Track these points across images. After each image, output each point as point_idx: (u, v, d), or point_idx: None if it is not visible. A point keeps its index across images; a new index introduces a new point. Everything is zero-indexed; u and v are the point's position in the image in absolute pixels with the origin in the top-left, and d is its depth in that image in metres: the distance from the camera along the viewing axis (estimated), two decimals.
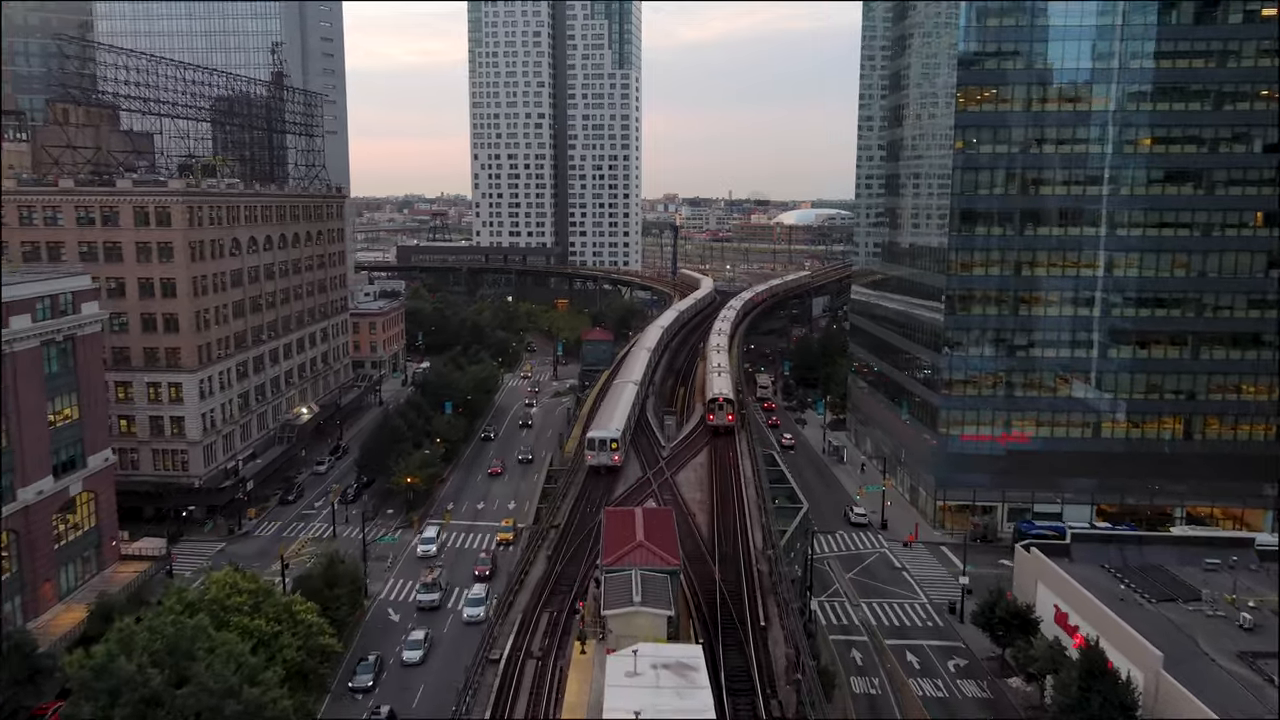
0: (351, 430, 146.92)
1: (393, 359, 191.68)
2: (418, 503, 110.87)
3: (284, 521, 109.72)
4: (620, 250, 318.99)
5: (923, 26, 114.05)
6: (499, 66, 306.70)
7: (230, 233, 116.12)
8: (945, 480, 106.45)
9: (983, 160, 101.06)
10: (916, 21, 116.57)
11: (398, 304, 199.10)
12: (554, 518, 66.86)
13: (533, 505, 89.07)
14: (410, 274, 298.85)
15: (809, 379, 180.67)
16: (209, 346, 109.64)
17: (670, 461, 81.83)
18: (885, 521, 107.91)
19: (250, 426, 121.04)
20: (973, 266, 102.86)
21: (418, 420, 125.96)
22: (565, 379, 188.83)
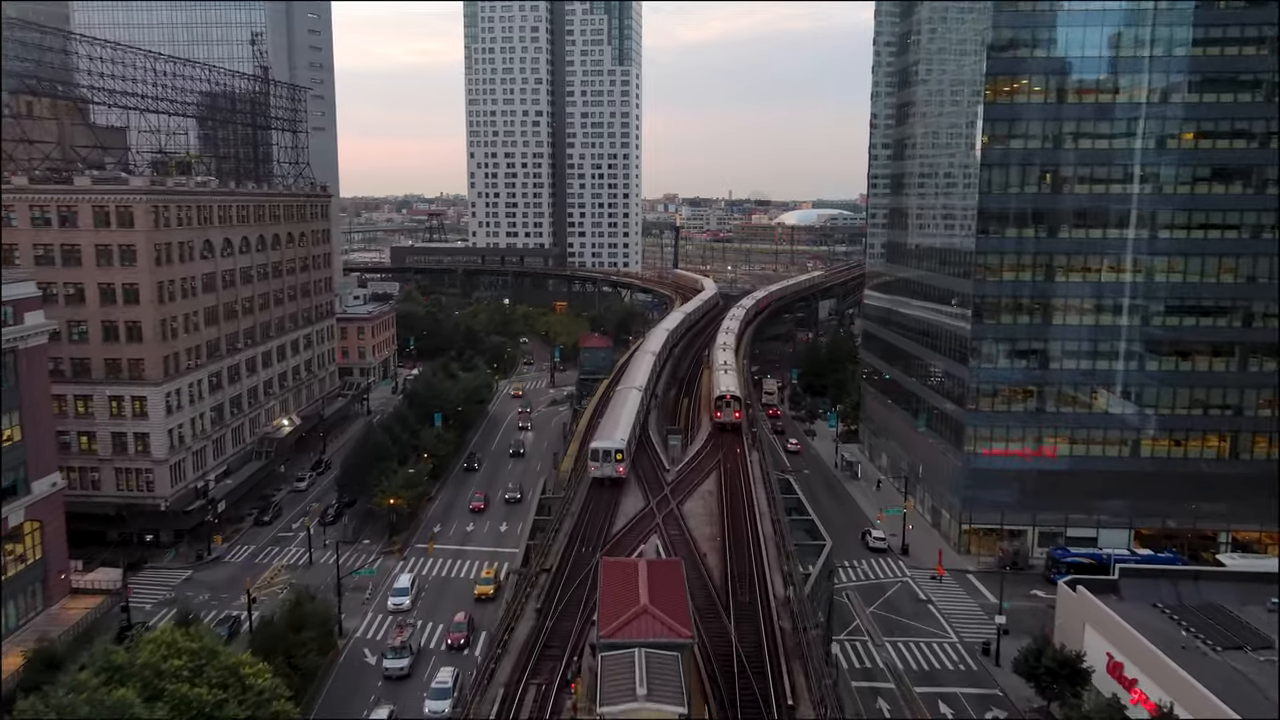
0: (336, 442, 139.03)
1: (383, 365, 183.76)
2: (402, 525, 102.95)
3: (258, 545, 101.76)
4: (620, 251, 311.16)
5: (945, 14, 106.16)
6: (495, 63, 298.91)
7: (202, 234, 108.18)
8: (971, 502, 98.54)
9: (1013, 156, 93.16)
10: (937, 8, 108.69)
11: (388, 308, 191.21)
12: (545, 558, 58.93)
13: (522, 536, 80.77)
14: (404, 275, 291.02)
15: (817, 386, 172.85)
16: (176, 356, 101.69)
17: (676, 488, 73.91)
18: (906, 546, 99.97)
19: (224, 441, 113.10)
20: (1002, 271, 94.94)
21: (403, 434, 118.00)
22: (563, 385, 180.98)
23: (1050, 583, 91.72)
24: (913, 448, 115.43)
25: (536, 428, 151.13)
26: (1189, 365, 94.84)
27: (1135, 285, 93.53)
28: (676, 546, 61.09)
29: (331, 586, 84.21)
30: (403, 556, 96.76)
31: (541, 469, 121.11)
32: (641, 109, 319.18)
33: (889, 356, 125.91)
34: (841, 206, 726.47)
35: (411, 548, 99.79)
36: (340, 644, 77.74)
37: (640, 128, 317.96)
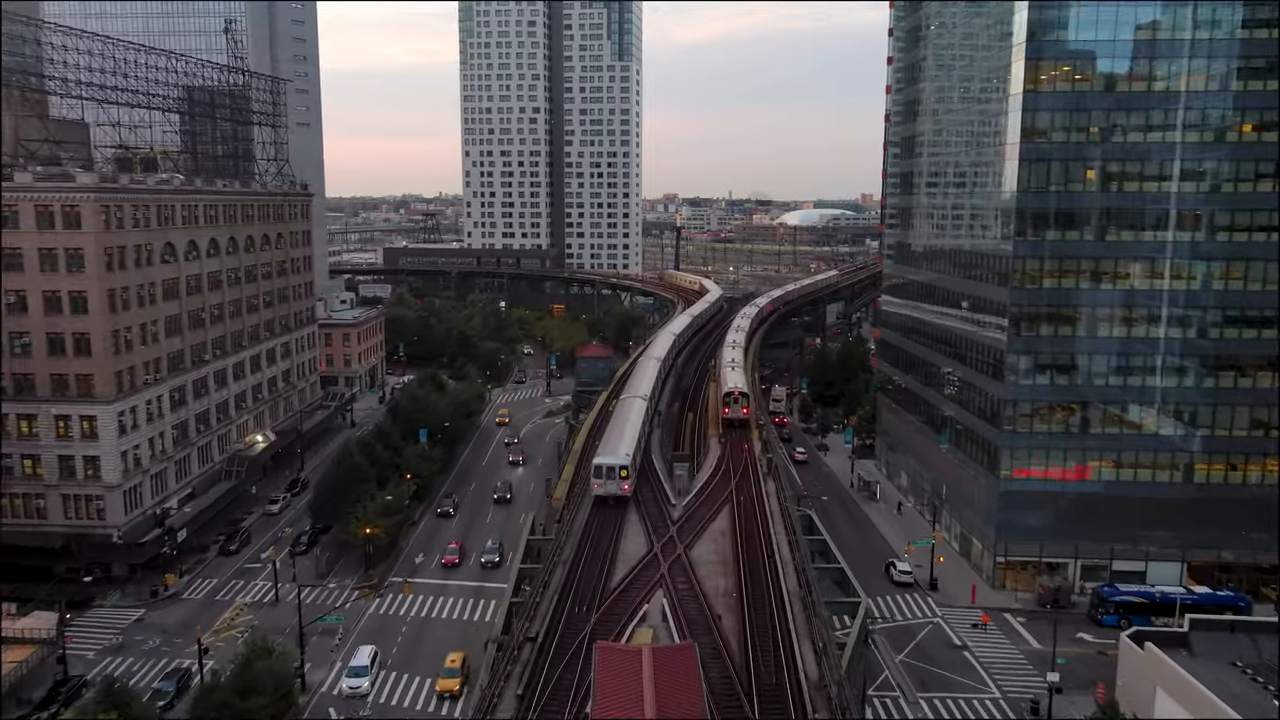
0: (316, 458, 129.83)
1: (370, 374, 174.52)
2: (380, 556, 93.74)
3: (221, 579, 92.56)
4: (620, 252, 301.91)
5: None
6: (491, 58, 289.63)
7: (162, 236, 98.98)
8: (1007, 532, 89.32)
9: (1055, 151, 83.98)
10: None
11: (375, 313, 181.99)
12: (531, 622, 49.74)
13: (510, 570, 70.95)
14: (397, 277, 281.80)
15: (827, 396, 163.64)
16: (132, 371, 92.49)
17: (684, 527, 64.70)
18: (935, 580, 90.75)
19: (189, 461, 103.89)
20: (1042, 277, 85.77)
21: (384, 453, 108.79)
22: (560, 394, 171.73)
23: (1097, 623, 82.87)
24: (936, 467, 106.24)
25: (528, 447, 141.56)
26: (1249, 382, 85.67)
27: (1189, 294, 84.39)
28: (685, 605, 51.92)
29: (298, 629, 75.13)
30: (378, 593, 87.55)
31: (533, 499, 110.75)
32: (642, 106, 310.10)
33: (908, 366, 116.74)
34: (843, 206, 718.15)
35: (389, 583, 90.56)
36: (303, 700, 68.65)
37: (641, 125, 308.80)
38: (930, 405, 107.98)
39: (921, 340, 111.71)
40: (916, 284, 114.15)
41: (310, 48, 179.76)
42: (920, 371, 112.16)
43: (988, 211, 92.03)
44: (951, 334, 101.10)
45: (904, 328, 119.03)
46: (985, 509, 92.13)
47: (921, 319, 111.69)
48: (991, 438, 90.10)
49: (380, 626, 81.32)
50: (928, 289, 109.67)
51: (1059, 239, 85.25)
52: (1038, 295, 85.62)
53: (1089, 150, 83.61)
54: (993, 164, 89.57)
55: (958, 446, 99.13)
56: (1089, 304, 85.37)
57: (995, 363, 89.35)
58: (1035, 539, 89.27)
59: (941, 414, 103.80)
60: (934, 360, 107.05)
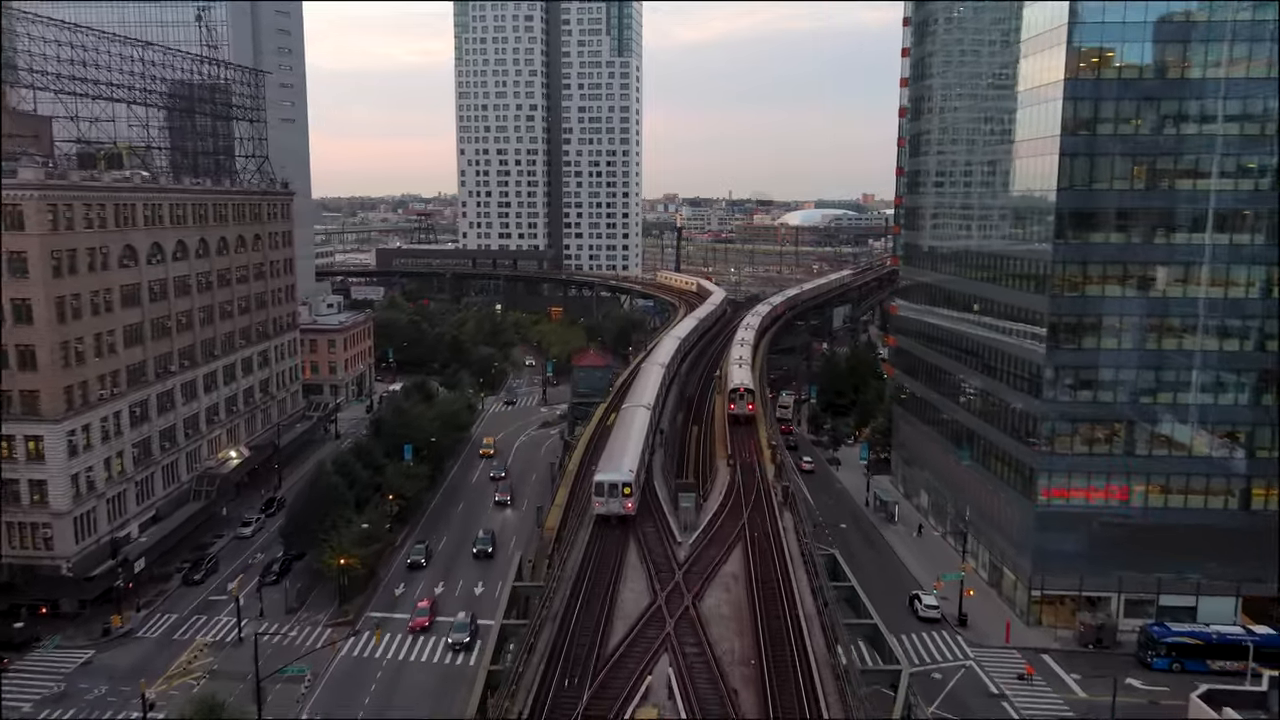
0: (296, 474, 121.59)
1: (357, 381, 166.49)
2: (356, 588, 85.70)
3: (183, 613, 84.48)
4: (619, 253, 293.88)
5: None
6: (487, 54, 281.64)
7: (121, 238, 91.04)
8: (1043, 563, 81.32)
9: (1101, 144, 76.03)
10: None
11: (364, 317, 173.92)
12: (512, 700, 41.74)
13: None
14: (390, 279, 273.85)
15: (837, 405, 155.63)
16: (84, 385, 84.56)
17: (691, 572, 56.70)
18: (964, 616, 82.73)
19: (152, 482, 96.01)
20: (1084, 284, 77.81)
21: (364, 472, 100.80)
22: (556, 403, 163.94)
23: (1146, 667, 74.94)
24: (960, 487, 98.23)
25: (521, 460, 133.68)
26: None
27: (1247, 302, 76.45)
28: (695, 675, 44.00)
29: (263, 675, 67.16)
30: (354, 630, 79.48)
31: (522, 540, 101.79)
32: (642, 103, 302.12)
33: (928, 377, 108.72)
34: (844, 207, 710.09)
35: (365, 618, 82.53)
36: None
37: (641, 123, 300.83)
38: (953, 420, 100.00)
39: (943, 349, 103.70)
40: (937, 288, 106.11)
41: (295, 40, 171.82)
42: (942, 383, 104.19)
43: (1023, 211, 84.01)
44: (978, 343, 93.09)
45: (923, 335, 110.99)
46: (1018, 537, 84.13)
47: (943, 326, 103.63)
48: (1025, 459, 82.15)
49: (352, 672, 73.30)
50: (950, 294, 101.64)
51: (1103, 241, 77.35)
52: (1080, 303, 77.66)
53: (1138, 143, 75.65)
54: (1029, 159, 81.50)
55: (985, 466, 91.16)
56: (1136, 313, 77.39)
57: (1030, 377, 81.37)
58: (1074, 571, 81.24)
59: (966, 430, 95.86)
60: (958, 371, 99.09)
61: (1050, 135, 76.92)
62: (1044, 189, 78.21)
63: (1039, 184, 79.24)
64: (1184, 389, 78.31)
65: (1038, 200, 79.89)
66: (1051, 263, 77.32)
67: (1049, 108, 77.34)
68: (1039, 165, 78.84)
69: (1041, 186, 78.72)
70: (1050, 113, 77.03)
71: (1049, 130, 77.26)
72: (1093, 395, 79.14)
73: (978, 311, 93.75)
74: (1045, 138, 77.86)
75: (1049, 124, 77.31)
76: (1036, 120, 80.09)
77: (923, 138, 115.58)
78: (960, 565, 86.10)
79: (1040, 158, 78.74)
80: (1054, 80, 76.42)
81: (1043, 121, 78.68)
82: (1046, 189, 77.65)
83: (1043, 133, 78.44)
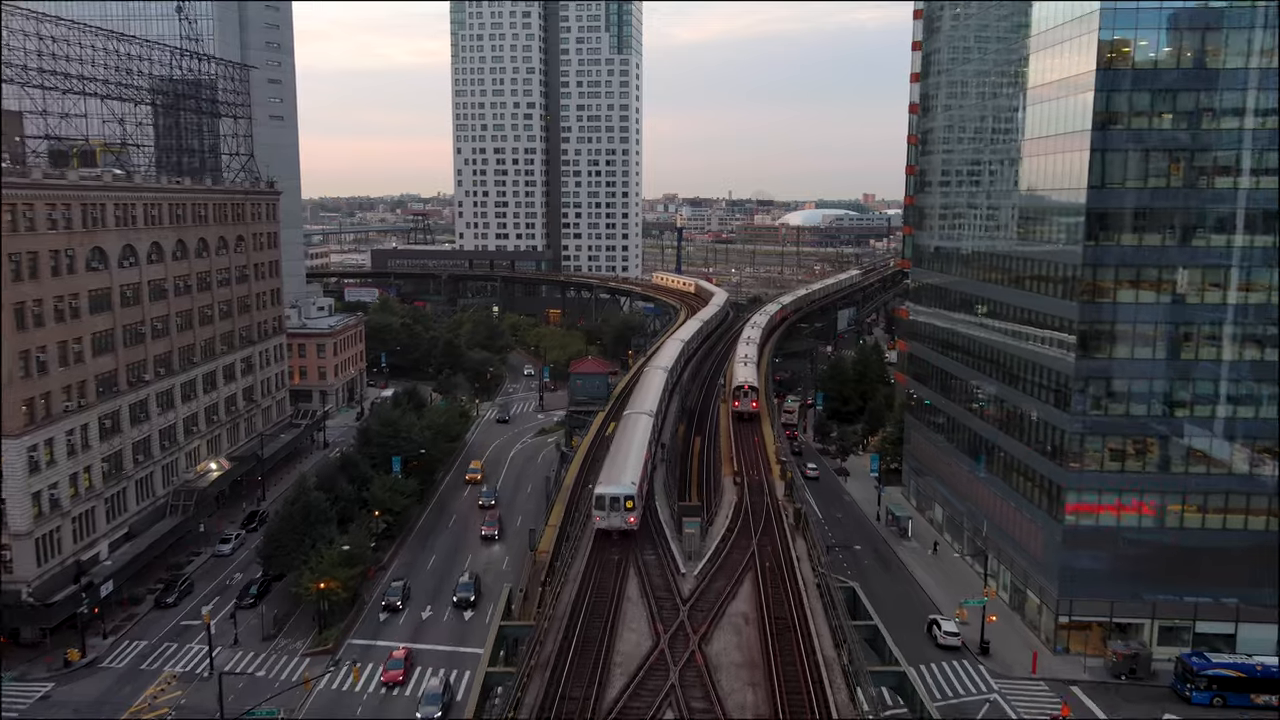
0: (281, 485, 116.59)
1: (347, 387, 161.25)
2: (338, 614, 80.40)
3: (153, 639, 79.20)
4: (619, 255, 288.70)
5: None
6: (484, 51, 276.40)
7: (89, 240, 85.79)
8: (1071, 586, 76.09)
9: (1134, 139, 70.86)
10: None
11: (355, 321, 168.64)
12: None
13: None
14: (385, 281, 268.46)
15: (844, 412, 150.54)
16: (48, 397, 79.31)
17: (697, 608, 51.46)
18: (986, 644, 77.47)
19: (124, 497, 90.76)
20: (1117, 289, 72.60)
21: (348, 487, 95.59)
22: (554, 409, 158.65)
23: (1184, 700, 69.77)
24: (977, 501, 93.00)
25: (517, 473, 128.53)
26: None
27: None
28: None
29: (232, 716, 62.06)
30: (334, 660, 74.19)
31: (509, 571, 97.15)
32: (642, 101, 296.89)
33: (943, 385, 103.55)
34: (845, 207, 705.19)
35: (347, 646, 77.31)
36: None
37: (641, 121, 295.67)
38: (969, 430, 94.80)
39: (958, 355, 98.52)
40: (952, 292, 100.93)
41: (284, 35, 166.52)
42: (956, 391, 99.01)
43: (1048, 211, 78.81)
44: (997, 350, 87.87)
45: (936, 340, 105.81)
46: (1043, 558, 78.92)
47: (958, 331, 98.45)
48: (1051, 475, 76.95)
49: (331, 707, 68.06)
50: (966, 298, 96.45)
51: (1137, 244, 72.15)
52: (1112, 310, 72.45)
53: (1175, 138, 70.45)
54: (1056, 156, 76.26)
55: (1006, 481, 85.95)
56: (1172, 320, 72.22)
57: (1057, 387, 76.17)
58: (1104, 595, 76.04)
59: (984, 441, 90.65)
60: (974, 379, 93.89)
61: (1079, 130, 71.75)
62: (1072, 187, 73.01)
63: (1067, 182, 74.03)
64: (1223, 401, 73.17)
65: (1065, 199, 74.69)
66: (1081, 266, 72.14)
67: (1077, 101, 72.18)
68: (1066, 163, 73.63)
69: (1070, 185, 73.51)
70: (1080, 105, 71.85)
71: (1078, 125, 72.10)
72: (1124, 408, 73.96)
73: (997, 317, 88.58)
74: (1073, 133, 72.69)
75: (1078, 118, 72.15)
76: (1063, 114, 74.94)
77: (935, 134, 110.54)
78: (984, 591, 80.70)
79: (1068, 154, 73.55)
80: (1083, 71, 71.28)
81: (1071, 115, 73.50)
82: (1075, 187, 72.45)
83: (1071, 128, 73.25)
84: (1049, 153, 77.58)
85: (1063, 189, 75.04)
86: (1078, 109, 72.28)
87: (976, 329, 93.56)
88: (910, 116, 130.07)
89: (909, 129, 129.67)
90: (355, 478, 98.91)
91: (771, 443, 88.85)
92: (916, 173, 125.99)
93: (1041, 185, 79.48)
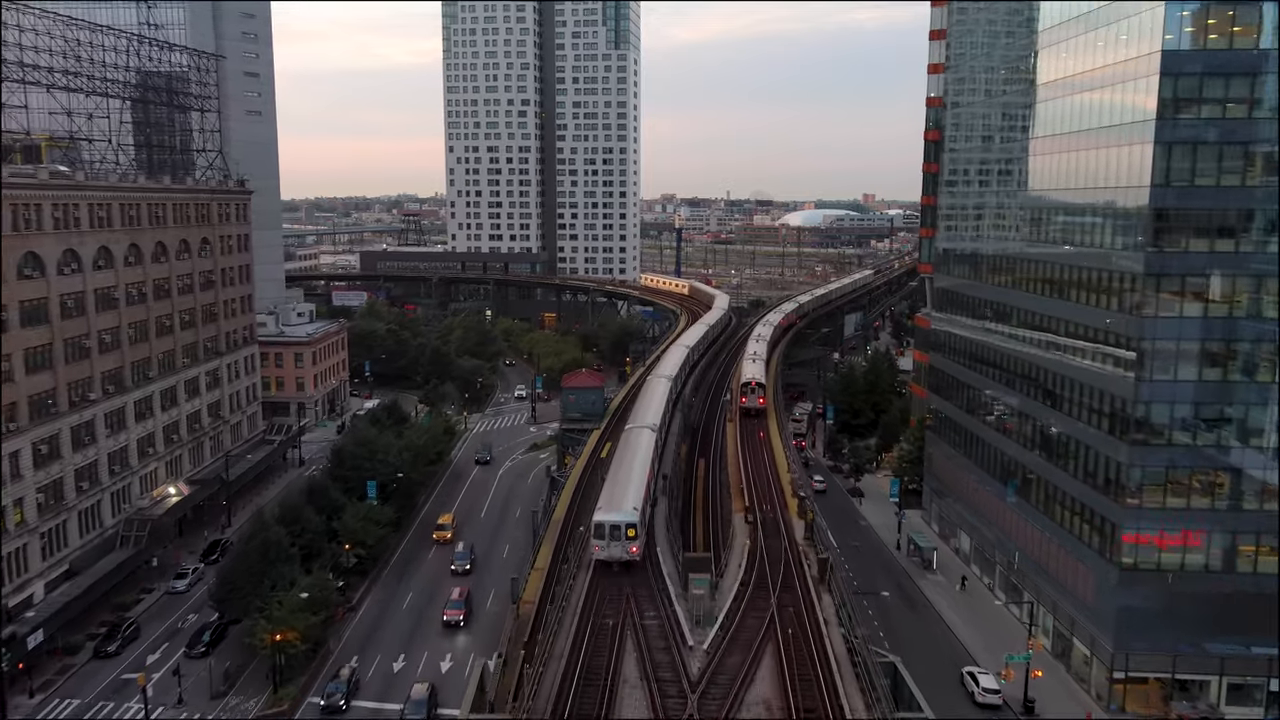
0: (251, 508, 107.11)
1: (328, 398, 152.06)
2: (299, 665, 71.20)
3: (88, 696, 69.88)
4: (616, 256, 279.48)
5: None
6: (477, 46, 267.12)
7: (21, 244, 76.62)
8: (1128, 638, 67.08)
9: (1206, 130, 61.88)
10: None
11: (337, 327, 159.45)
12: None
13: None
14: (375, 284, 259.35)
15: (855, 425, 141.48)
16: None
17: (708, 696, 42.36)
18: (1031, 703, 68.41)
19: (64, 530, 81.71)
20: (1183, 301, 63.60)
21: (316, 517, 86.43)
22: (546, 422, 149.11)
23: None
24: (1010, 531, 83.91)
25: (502, 496, 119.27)
26: None
27: None
28: None
29: None
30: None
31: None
32: (640, 98, 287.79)
33: (969, 402, 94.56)
34: (845, 207, 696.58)
35: (306, 705, 68.15)
36: None
37: (639, 118, 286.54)
38: (1003, 454, 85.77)
39: (989, 371, 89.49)
40: (982, 300, 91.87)
41: (261, 25, 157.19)
42: (986, 408, 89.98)
43: (1104, 211, 69.75)
44: (1038, 367, 78.82)
45: (963, 353, 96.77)
46: (1094, 603, 69.86)
47: (990, 344, 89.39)
48: (1104, 510, 67.92)
49: None
50: (1001, 308, 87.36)
51: (1207, 250, 63.15)
52: (1179, 326, 63.43)
53: (1257, 129, 61.42)
54: (1113, 149, 67.20)
55: (1047, 513, 76.95)
56: (1248, 337, 63.23)
57: (1113, 411, 67.10)
58: (1164, 647, 67.04)
59: (1019, 466, 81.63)
60: (1008, 397, 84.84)
61: (1142, 120, 62.71)
62: (1133, 184, 63.98)
63: (1126, 179, 65.00)
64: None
65: (1125, 198, 65.65)
66: (1143, 275, 63.13)
67: (1140, 86, 63.16)
68: (1128, 157, 64.57)
69: (1130, 182, 64.48)
70: (1142, 92, 62.82)
71: (1140, 114, 63.08)
72: (1191, 436, 64.95)
73: (1037, 328, 79.51)
74: (1134, 124, 63.65)
75: (1141, 106, 63.14)
76: (1121, 104, 65.94)
77: (961, 127, 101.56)
78: (1029, 644, 71.57)
79: (1128, 147, 64.51)
80: (1147, 52, 62.24)
81: (1132, 103, 64.49)
82: (1138, 184, 63.42)
83: (1132, 118, 64.22)
84: (1104, 145, 68.50)
85: (1119, 187, 66.02)
86: (1141, 95, 63.26)
87: (1011, 342, 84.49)
88: (928, 110, 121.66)
89: (926, 123, 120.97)
90: (324, 506, 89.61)
91: (785, 471, 79.91)
92: (937, 170, 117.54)
93: (1093, 183, 70.49)
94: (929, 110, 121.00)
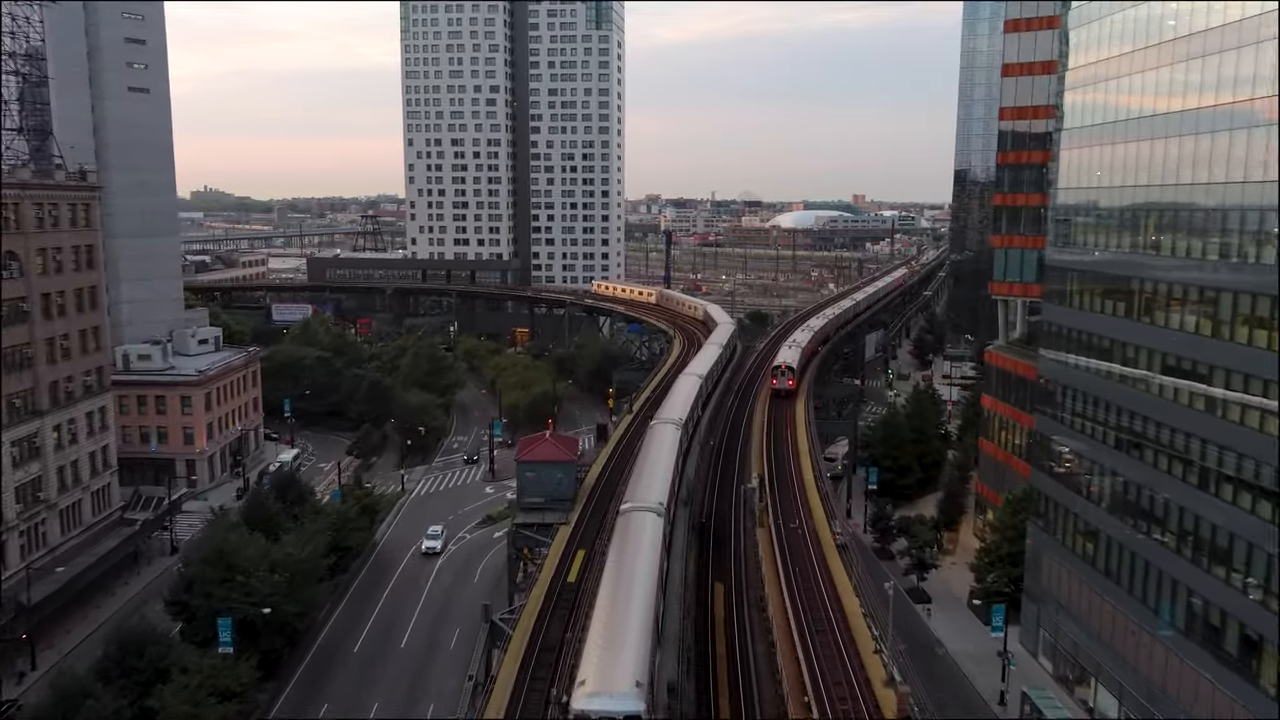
0: (86, 626, 75.58)
1: (232, 450, 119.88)
2: None
3: None
4: (597, 262, 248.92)
5: None
6: (439, 25, 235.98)
7: None
8: None
9: None
10: None
11: (245, 359, 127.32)
12: None
13: None
14: (322, 296, 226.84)
15: (902, 487, 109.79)
16: None
17: None
18: None
19: None
20: None
21: (131, 688, 54.50)
22: (506, 479, 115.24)
23: None
24: (1196, 695, 52.88)
25: (440, 594, 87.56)
26: None
27: None
28: None
29: None
30: None
31: None
32: (624, 86, 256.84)
33: (1116, 496, 63.76)
34: (834, 208, 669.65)
35: None
36: None
37: (623, 109, 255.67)
38: (1162, 571, 54.89)
39: (1153, 452, 58.57)
40: (1147, 350, 60.72)
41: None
42: (1161, 520, 58.94)
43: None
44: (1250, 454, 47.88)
45: (1108, 423, 65.72)
46: None
47: (1181, 413, 58.34)
48: None
49: None
50: (1188, 364, 56.29)
51: None
52: None
53: None
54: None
55: (1238, 669, 46.18)
56: None
57: None
58: None
59: (1200, 601, 50.77)
60: (1199, 504, 53.91)
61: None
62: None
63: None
64: None
65: None
66: None
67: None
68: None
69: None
70: None
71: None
72: None
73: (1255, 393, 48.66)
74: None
75: None
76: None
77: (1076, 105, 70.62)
78: None
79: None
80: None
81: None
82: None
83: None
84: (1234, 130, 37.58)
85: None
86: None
87: (1199, 415, 53.52)
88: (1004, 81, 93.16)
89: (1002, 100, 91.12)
90: (145, 666, 57.56)
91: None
92: (1015, 160, 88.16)
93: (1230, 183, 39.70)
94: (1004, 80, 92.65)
